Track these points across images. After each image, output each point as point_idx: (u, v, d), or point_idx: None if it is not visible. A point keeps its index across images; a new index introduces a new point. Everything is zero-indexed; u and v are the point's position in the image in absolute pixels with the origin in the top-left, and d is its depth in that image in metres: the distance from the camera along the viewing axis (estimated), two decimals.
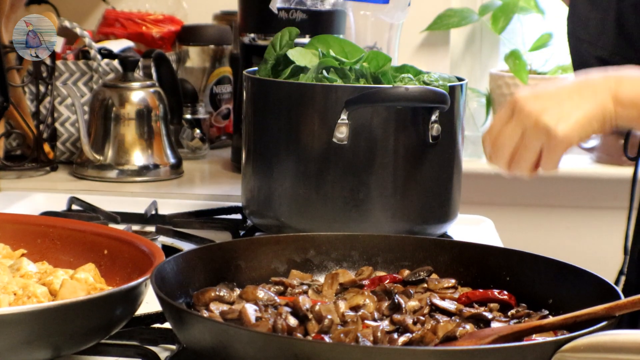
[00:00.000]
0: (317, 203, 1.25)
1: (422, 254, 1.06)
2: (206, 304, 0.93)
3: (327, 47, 1.31)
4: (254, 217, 1.34)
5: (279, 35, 1.32)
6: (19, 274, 1.01)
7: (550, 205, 2.48)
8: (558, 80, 1.07)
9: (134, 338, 0.99)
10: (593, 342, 0.79)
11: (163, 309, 0.89)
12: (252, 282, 1.01)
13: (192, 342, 0.85)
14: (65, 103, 1.81)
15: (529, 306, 0.97)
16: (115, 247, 1.05)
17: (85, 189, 1.65)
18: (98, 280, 1.01)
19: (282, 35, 1.32)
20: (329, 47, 1.31)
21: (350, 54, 1.31)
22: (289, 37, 1.31)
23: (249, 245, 1.05)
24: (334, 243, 1.07)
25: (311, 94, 1.25)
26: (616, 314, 0.85)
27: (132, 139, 1.72)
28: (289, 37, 1.31)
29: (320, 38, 1.33)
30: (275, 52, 1.31)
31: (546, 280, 0.99)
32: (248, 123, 1.33)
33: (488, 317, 0.92)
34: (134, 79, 1.74)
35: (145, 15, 2.04)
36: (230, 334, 0.81)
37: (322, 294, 1.00)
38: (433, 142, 1.26)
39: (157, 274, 0.91)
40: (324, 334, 0.87)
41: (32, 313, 0.83)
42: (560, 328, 0.88)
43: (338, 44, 1.32)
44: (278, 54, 1.31)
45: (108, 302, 0.88)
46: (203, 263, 1.00)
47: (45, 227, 1.11)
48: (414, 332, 0.89)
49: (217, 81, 2.01)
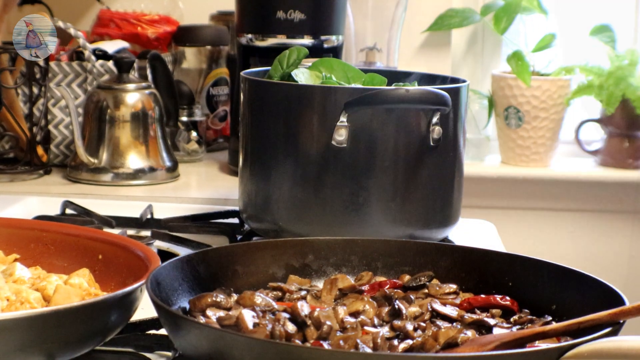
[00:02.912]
0: (315, 207, 1.25)
1: (422, 258, 1.06)
2: (203, 309, 0.93)
3: (330, 71, 1.32)
4: (251, 222, 1.33)
5: (287, 53, 1.33)
6: (12, 280, 1.00)
7: (554, 209, 2.47)
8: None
9: (129, 345, 0.99)
10: (597, 349, 0.79)
11: (159, 315, 0.88)
12: (250, 287, 1.01)
13: (188, 348, 0.85)
14: (59, 105, 1.80)
15: (531, 312, 0.97)
16: (110, 251, 1.05)
17: (79, 192, 1.64)
18: (92, 286, 1.00)
19: (290, 54, 1.33)
20: (332, 70, 1.33)
21: (352, 78, 1.33)
22: (297, 56, 1.33)
23: (247, 250, 1.04)
24: (333, 248, 1.06)
25: (310, 96, 1.25)
26: (620, 320, 0.85)
27: (127, 141, 1.72)
28: (297, 57, 1.33)
29: (324, 61, 1.34)
30: (282, 69, 1.32)
31: (549, 286, 0.99)
32: (245, 125, 1.32)
33: (490, 324, 0.92)
34: (129, 81, 1.73)
35: (141, 16, 2.04)
36: (227, 340, 0.80)
37: (320, 299, 0.99)
38: (434, 145, 1.25)
39: (153, 280, 0.91)
40: (322, 341, 0.86)
41: (25, 319, 0.83)
42: (563, 334, 0.87)
43: (341, 68, 1.33)
44: (284, 72, 1.32)
45: (103, 308, 0.88)
46: (199, 268, 0.99)
47: (39, 231, 1.10)
48: (414, 338, 0.89)
49: (214, 83, 2.01)
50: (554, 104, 2.38)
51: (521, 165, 2.44)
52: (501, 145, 2.48)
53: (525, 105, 2.38)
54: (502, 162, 2.49)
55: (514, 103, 2.39)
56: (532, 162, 2.43)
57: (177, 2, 2.15)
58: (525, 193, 2.45)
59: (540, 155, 2.43)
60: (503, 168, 2.46)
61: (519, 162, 2.44)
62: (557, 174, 2.44)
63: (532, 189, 2.44)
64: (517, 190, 2.45)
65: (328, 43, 1.67)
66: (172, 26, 2.05)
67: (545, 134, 2.41)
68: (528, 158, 2.43)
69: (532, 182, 2.43)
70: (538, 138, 2.41)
